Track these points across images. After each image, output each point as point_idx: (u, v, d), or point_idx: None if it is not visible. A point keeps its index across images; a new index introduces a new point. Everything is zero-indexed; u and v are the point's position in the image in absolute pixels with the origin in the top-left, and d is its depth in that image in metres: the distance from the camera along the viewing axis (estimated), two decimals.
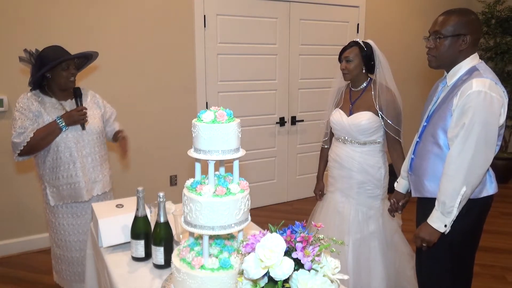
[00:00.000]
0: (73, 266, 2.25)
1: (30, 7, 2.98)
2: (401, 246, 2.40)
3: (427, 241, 1.68)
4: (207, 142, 1.20)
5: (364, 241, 2.28)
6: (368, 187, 2.29)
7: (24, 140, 2.00)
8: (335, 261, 0.99)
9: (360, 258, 2.28)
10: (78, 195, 2.14)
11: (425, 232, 1.68)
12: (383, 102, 2.19)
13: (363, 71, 2.25)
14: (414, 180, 1.85)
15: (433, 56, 1.73)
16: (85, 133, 2.15)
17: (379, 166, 2.28)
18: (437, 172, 1.71)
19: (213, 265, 1.20)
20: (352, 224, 2.28)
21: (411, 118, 4.62)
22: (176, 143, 3.66)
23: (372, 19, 4.48)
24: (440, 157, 1.71)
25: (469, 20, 1.65)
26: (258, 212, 3.97)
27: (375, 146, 2.27)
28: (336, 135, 2.39)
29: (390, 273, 2.31)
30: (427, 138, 1.77)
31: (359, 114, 2.22)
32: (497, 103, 1.57)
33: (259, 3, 3.84)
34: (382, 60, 2.24)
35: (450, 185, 1.60)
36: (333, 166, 2.39)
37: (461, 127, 1.58)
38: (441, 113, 1.70)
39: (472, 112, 1.56)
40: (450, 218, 1.62)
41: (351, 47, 2.26)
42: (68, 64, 2.10)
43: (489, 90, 1.56)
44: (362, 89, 2.28)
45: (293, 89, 4.19)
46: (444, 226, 1.63)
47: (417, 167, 1.82)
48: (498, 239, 3.43)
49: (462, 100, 1.59)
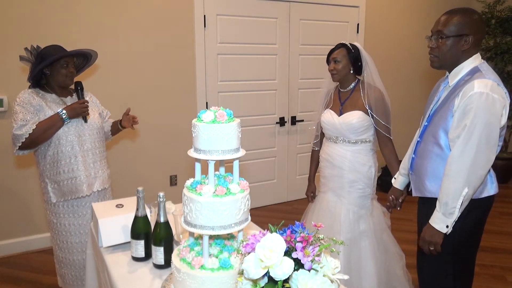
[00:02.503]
0: (76, 269, 2.25)
1: (30, 7, 2.98)
2: (390, 245, 2.43)
3: (432, 243, 1.68)
4: (207, 142, 1.20)
5: (355, 240, 2.30)
6: (359, 186, 2.31)
7: (27, 132, 1.98)
8: (335, 261, 0.99)
9: (351, 257, 2.30)
10: (79, 190, 2.14)
11: (429, 235, 1.68)
12: (372, 100, 2.23)
13: (351, 71, 2.30)
14: (415, 180, 1.85)
15: (435, 56, 1.72)
16: (86, 127, 2.16)
17: (370, 164, 2.32)
18: (437, 172, 1.71)
19: (213, 265, 1.20)
20: (344, 223, 2.31)
21: (411, 118, 4.64)
22: (176, 143, 3.66)
23: (372, 19, 4.48)
24: (441, 157, 1.71)
25: (472, 20, 1.64)
26: (258, 212, 3.97)
27: (366, 144, 2.31)
28: (327, 135, 2.42)
29: (380, 273, 2.32)
30: (428, 138, 1.77)
31: (350, 114, 2.26)
32: (498, 105, 1.56)
33: (259, 3, 3.84)
34: (369, 61, 2.29)
35: (451, 186, 1.60)
36: (325, 165, 2.43)
37: (462, 128, 1.58)
38: (443, 113, 1.70)
39: (473, 114, 1.55)
40: (451, 219, 1.62)
41: (338, 48, 2.31)
42: (67, 62, 2.11)
43: (491, 91, 1.55)
44: (350, 90, 2.33)
45: (293, 89, 4.19)
46: (446, 227, 1.63)
47: (418, 167, 1.82)
48: (498, 239, 3.43)
49: (464, 101, 1.58)
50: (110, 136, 2.47)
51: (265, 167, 4.23)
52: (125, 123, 2.37)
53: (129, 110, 2.39)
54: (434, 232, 1.66)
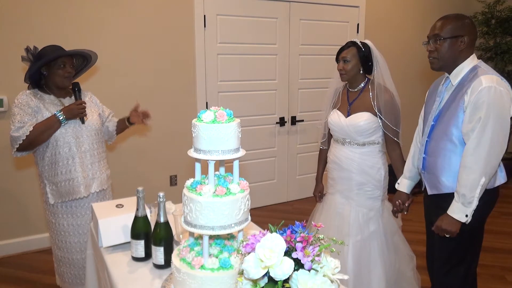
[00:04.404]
0: (74, 268, 2.25)
1: (30, 7, 2.98)
2: (401, 247, 2.39)
3: (450, 232, 1.74)
4: (207, 142, 1.20)
5: (364, 242, 2.27)
6: (367, 188, 2.27)
7: (24, 134, 1.99)
8: (335, 261, 0.99)
9: (361, 259, 2.27)
10: (76, 191, 2.13)
11: (447, 223, 1.73)
12: (381, 102, 2.17)
13: (360, 71, 2.23)
14: (429, 178, 1.89)
15: (435, 58, 1.80)
16: (84, 129, 2.15)
17: (379, 167, 2.26)
18: (453, 168, 1.77)
19: (213, 265, 1.20)
20: (353, 225, 2.27)
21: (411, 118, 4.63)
22: (176, 143, 3.66)
23: (372, 19, 4.48)
24: (454, 152, 1.76)
25: (465, 23, 1.75)
26: (258, 212, 3.97)
27: (374, 147, 2.26)
28: (334, 137, 2.37)
29: (390, 274, 2.30)
30: (440, 136, 1.81)
31: (357, 115, 2.21)
32: (506, 96, 1.65)
33: (259, 3, 3.84)
34: (380, 60, 2.22)
35: (470, 177, 1.66)
36: (332, 167, 2.38)
37: (476, 121, 1.65)
38: (452, 110, 1.76)
39: (486, 107, 1.62)
40: (471, 208, 1.68)
41: (348, 47, 2.23)
42: (65, 63, 2.10)
43: (498, 85, 1.64)
44: (359, 90, 2.26)
45: (293, 89, 4.19)
46: (465, 216, 1.69)
47: (431, 165, 1.86)
48: (498, 239, 3.43)
49: (475, 96, 1.65)
50: (114, 136, 2.44)
51: (265, 167, 4.22)
52: (134, 119, 2.34)
53: (138, 105, 2.34)
54: (453, 222, 1.72)
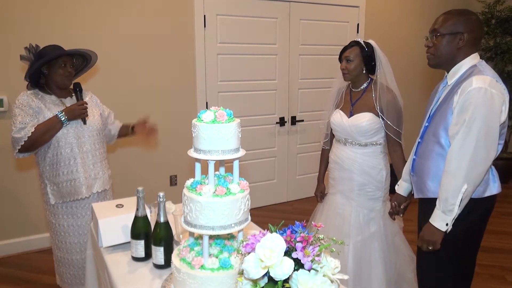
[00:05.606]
0: (74, 268, 2.24)
1: (30, 7, 2.98)
2: (402, 248, 2.39)
3: (431, 242, 1.66)
4: (207, 142, 1.20)
5: (365, 243, 2.26)
6: (369, 189, 2.27)
7: (25, 135, 1.98)
8: (335, 261, 0.99)
9: (361, 260, 2.26)
10: (78, 192, 2.13)
11: (427, 233, 1.66)
12: (384, 102, 2.17)
13: (363, 71, 2.23)
14: (416, 181, 1.83)
15: (431, 54, 1.73)
16: (86, 129, 2.15)
17: (380, 167, 2.26)
18: (439, 172, 1.69)
19: (213, 265, 1.20)
20: (353, 226, 2.27)
21: (412, 119, 4.63)
22: (176, 143, 3.66)
23: (372, 19, 4.48)
24: (442, 156, 1.69)
25: (467, 19, 1.65)
26: (258, 212, 3.97)
27: (376, 147, 2.25)
28: (336, 137, 2.37)
29: (390, 275, 2.29)
30: (429, 138, 1.76)
31: (360, 115, 2.20)
32: (497, 100, 1.56)
33: (259, 3, 3.84)
34: (383, 60, 2.22)
35: (451, 183, 1.58)
36: (334, 167, 2.38)
37: (461, 124, 1.57)
38: (443, 112, 1.69)
39: (472, 108, 1.54)
40: (451, 217, 1.60)
41: (351, 47, 2.23)
42: (65, 62, 2.10)
43: (489, 86, 1.55)
44: (362, 90, 2.26)
45: (293, 89, 4.19)
46: (446, 225, 1.61)
47: (419, 168, 1.80)
48: (498, 239, 3.43)
49: (463, 97, 1.58)
50: (115, 139, 2.44)
51: (265, 167, 4.22)
52: (139, 131, 2.33)
53: (147, 119, 2.33)
54: (434, 231, 1.64)
